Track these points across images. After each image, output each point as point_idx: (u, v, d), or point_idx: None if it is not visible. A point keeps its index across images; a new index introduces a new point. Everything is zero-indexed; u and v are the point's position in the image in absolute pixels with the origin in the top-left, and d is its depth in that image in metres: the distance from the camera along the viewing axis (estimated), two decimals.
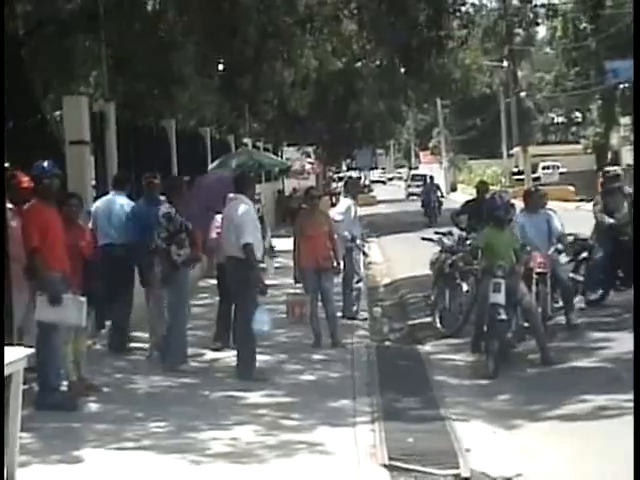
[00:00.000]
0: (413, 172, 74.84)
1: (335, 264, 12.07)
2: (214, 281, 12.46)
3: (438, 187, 38.65)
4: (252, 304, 10.22)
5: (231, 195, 10.46)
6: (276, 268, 13.35)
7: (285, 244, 14.07)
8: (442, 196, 38.19)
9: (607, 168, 17.27)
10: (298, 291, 12.24)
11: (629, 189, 13.75)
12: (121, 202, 11.33)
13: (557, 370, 10.29)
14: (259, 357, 10.44)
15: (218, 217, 11.00)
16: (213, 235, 11.42)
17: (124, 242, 11.01)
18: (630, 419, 8.09)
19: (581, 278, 13.33)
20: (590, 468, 7.00)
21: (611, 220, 13.17)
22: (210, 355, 11.11)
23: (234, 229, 10.14)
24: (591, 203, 14.65)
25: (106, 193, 11.81)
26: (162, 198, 10.85)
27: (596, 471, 6.90)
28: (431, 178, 38.23)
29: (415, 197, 61.27)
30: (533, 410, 8.62)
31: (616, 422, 8.14)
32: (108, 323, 11.21)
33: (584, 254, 13.42)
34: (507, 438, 7.85)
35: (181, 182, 11.13)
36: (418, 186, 64.76)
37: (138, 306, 11.53)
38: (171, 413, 8.47)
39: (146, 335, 11.31)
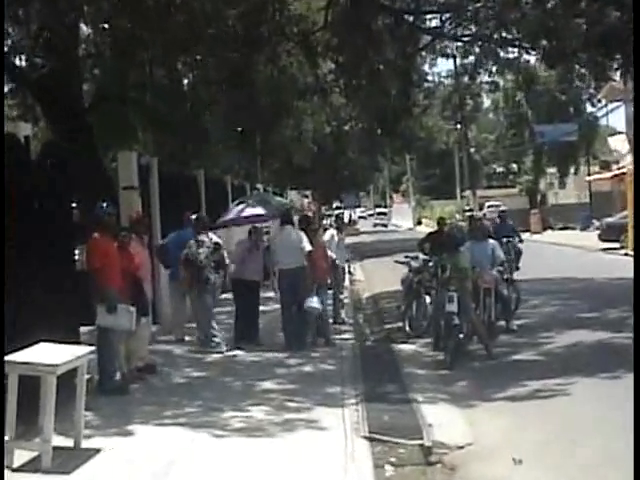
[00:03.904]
0: (378, 210, 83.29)
1: (329, 280, 12.14)
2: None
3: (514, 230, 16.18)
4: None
5: (284, 226, 11.40)
6: None
7: None
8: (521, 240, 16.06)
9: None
10: None
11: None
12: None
13: (501, 362, 10.23)
14: (270, 354, 10.60)
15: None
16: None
17: None
18: (559, 400, 8.12)
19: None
20: (525, 438, 6.95)
21: None
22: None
23: (298, 246, 10.88)
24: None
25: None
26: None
27: (530, 440, 6.84)
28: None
29: (379, 226, 68.73)
30: (481, 393, 8.57)
31: (548, 402, 8.10)
32: None
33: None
34: (461, 415, 7.80)
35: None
36: (382, 219, 74.42)
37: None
38: (200, 397, 8.42)
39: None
